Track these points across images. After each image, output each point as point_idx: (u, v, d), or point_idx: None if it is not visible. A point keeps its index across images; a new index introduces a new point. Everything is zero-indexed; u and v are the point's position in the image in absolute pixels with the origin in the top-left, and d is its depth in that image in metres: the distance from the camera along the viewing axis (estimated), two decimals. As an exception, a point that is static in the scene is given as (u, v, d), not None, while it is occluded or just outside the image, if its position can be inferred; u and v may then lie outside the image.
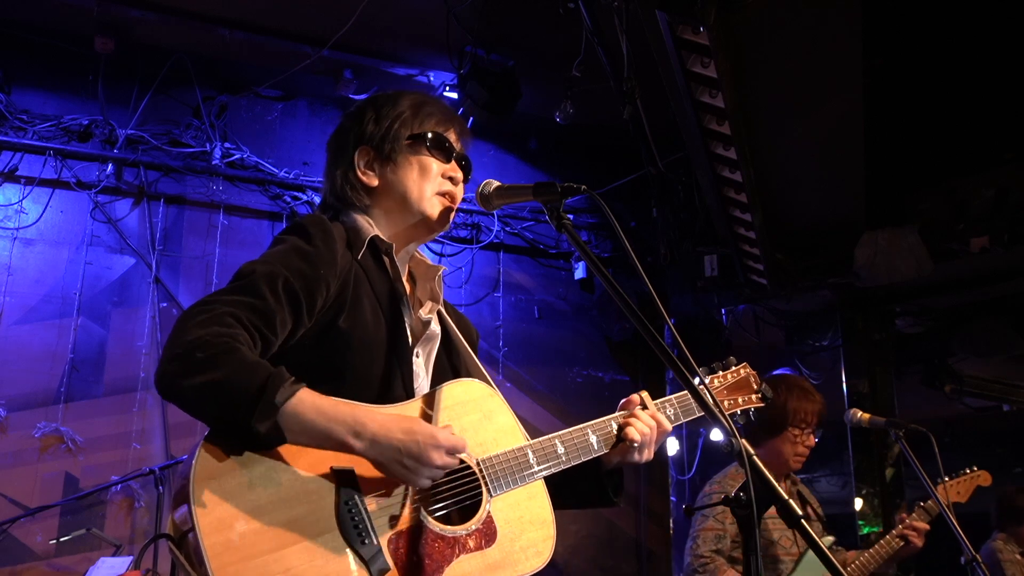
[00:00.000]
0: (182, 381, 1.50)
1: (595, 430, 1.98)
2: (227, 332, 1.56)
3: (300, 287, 1.70)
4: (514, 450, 1.84)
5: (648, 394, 2.10)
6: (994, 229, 5.43)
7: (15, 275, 5.17)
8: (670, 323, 1.68)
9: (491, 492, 1.78)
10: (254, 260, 1.74)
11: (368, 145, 1.99)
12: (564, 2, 4.55)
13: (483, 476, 1.78)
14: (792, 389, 3.68)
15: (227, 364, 1.51)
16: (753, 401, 2.31)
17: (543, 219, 4.98)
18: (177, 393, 1.52)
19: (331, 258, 1.78)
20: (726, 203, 5.23)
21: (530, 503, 1.84)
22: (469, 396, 1.85)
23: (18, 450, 4.92)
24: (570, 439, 1.93)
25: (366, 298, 1.83)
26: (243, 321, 1.60)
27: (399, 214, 1.97)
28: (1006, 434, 9.17)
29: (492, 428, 1.85)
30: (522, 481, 1.82)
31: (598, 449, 1.97)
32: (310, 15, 5.31)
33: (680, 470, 6.51)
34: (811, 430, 3.64)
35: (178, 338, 1.55)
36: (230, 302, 1.62)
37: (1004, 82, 5.09)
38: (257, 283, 1.66)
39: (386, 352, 1.83)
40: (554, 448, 1.89)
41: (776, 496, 1.50)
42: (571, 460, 1.92)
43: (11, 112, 5.33)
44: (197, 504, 1.47)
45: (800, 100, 4.59)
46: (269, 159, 5.98)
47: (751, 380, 2.34)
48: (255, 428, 1.50)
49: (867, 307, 6.36)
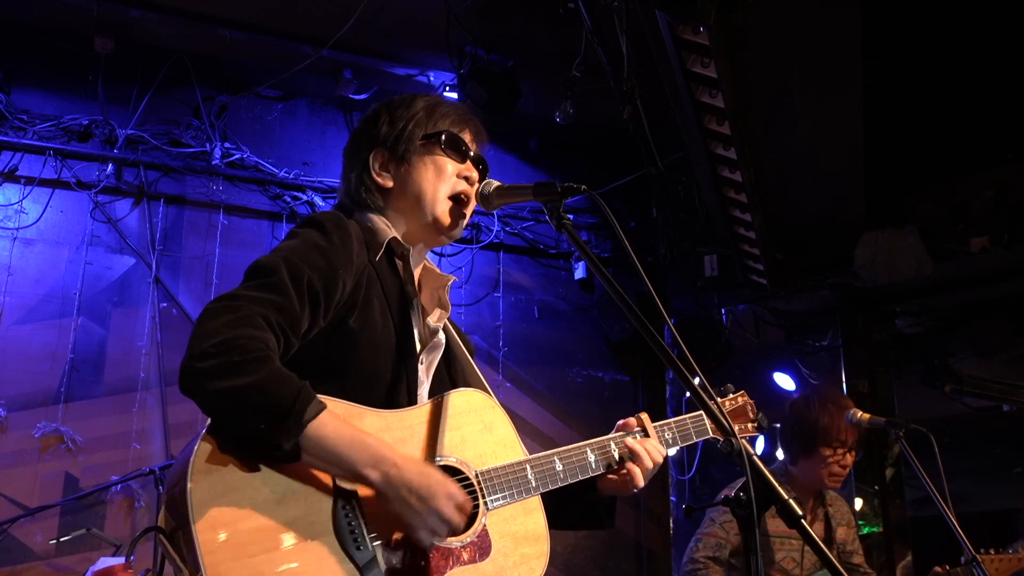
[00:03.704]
0: (213, 383, 1.47)
1: (593, 449, 1.96)
2: (260, 336, 1.53)
3: (320, 287, 1.68)
4: (512, 464, 1.83)
5: (648, 417, 2.08)
6: (994, 229, 5.42)
7: (15, 275, 5.17)
8: (670, 323, 1.68)
9: (488, 505, 1.76)
10: (275, 254, 1.70)
11: (382, 147, 1.98)
12: (564, 2, 4.55)
13: (480, 489, 1.76)
14: (825, 405, 3.49)
15: (259, 372, 1.49)
16: (748, 431, 2.31)
17: (543, 219, 4.98)
18: (204, 393, 1.49)
19: (348, 257, 1.77)
20: (726, 203, 5.23)
21: (525, 519, 1.83)
22: (471, 406, 1.85)
23: (18, 450, 4.92)
24: (568, 457, 1.91)
25: (377, 300, 1.82)
26: (271, 323, 1.58)
27: (413, 215, 1.96)
28: (1006, 434, 9.16)
29: (492, 440, 1.85)
30: (519, 496, 1.81)
31: (596, 469, 1.95)
32: (310, 15, 5.31)
33: (680, 470, 6.51)
34: (846, 449, 3.46)
35: (208, 336, 1.51)
36: (258, 300, 1.59)
37: (1004, 82, 5.08)
38: (284, 281, 1.63)
39: (393, 356, 1.82)
40: (552, 465, 1.88)
41: (776, 496, 1.51)
42: (568, 478, 1.90)
43: (11, 112, 5.33)
44: (193, 499, 1.45)
45: (800, 100, 4.59)
46: (269, 159, 5.98)
47: (748, 409, 2.34)
48: (279, 443, 1.49)
49: (867, 307, 6.35)
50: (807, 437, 3.48)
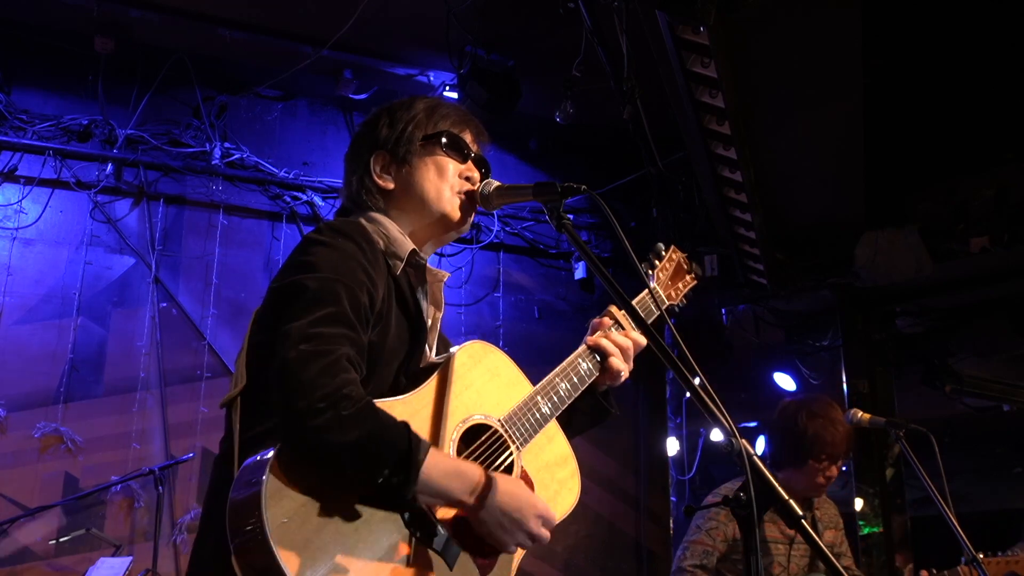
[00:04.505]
0: (334, 438, 1.49)
1: (583, 358, 2.03)
2: (353, 380, 1.56)
3: (367, 305, 1.71)
4: (526, 400, 1.90)
5: (616, 308, 2.13)
6: (994, 229, 5.42)
7: (15, 275, 5.17)
8: (670, 323, 1.68)
9: (519, 447, 1.84)
10: (324, 273, 1.68)
11: (383, 149, 1.98)
12: (564, 2, 4.55)
13: (509, 435, 1.84)
14: (815, 417, 3.45)
15: (371, 421, 1.54)
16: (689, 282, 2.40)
17: (543, 219, 4.98)
18: (326, 449, 1.50)
19: (378, 272, 1.78)
20: (726, 203, 5.23)
21: (551, 445, 1.94)
22: (473, 358, 1.87)
23: (18, 450, 4.92)
24: (567, 375, 1.98)
25: (394, 314, 1.82)
26: (353, 362, 1.60)
27: (417, 214, 1.96)
28: (1006, 434, 9.15)
29: (502, 384, 1.90)
30: (539, 427, 1.89)
31: (591, 373, 2.03)
32: (310, 15, 5.30)
33: (680, 470, 6.51)
34: (833, 462, 3.44)
35: (312, 388, 1.50)
36: (337, 338, 1.59)
37: (1004, 82, 5.08)
38: (347, 312, 1.64)
39: (402, 362, 1.82)
40: (557, 389, 1.95)
41: (776, 496, 1.51)
42: (574, 392, 1.98)
43: (11, 112, 5.34)
44: (279, 550, 1.43)
45: (800, 100, 4.59)
46: (269, 159, 5.97)
47: (682, 263, 2.40)
48: (403, 492, 1.53)
49: (867, 307, 6.35)
50: (796, 448, 3.45)
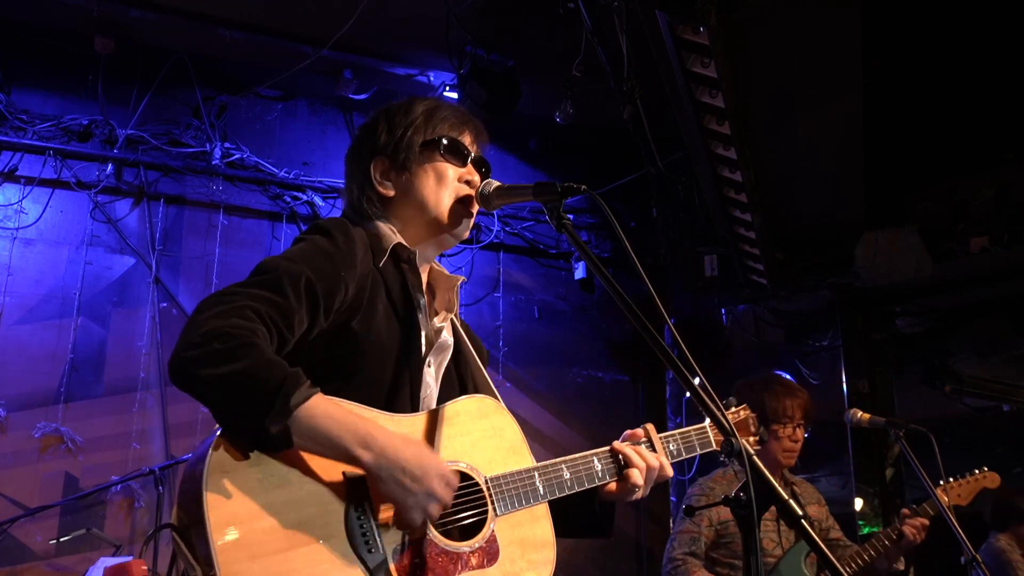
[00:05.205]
0: (199, 370, 1.48)
1: (600, 458, 1.97)
2: (247, 325, 1.54)
3: (320, 288, 1.69)
4: (521, 471, 1.84)
5: (654, 428, 2.09)
6: (994, 229, 5.42)
7: (15, 275, 5.17)
8: (670, 323, 1.68)
9: (496, 511, 1.77)
10: (277, 256, 1.72)
11: (383, 155, 1.97)
12: (564, 2, 4.55)
13: (490, 495, 1.77)
14: (769, 385, 3.63)
15: (246, 357, 1.49)
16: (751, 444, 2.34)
17: (543, 219, 4.98)
18: (193, 382, 1.50)
19: (351, 260, 1.77)
20: (726, 203, 5.23)
21: (533, 525, 1.85)
22: (481, 411, 1.85)
23: (18, 450, 4.92)
24: (575, 466, 1.92)
25: (381, 304, 1.82)
26: (263, 316, 1.58)
27: (418, 221, 1.96)
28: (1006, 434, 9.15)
29: (501, 445, 1.85)
30: (527, 503, 1.82)
31: (602, 477, 1.96)
32: (310, 15, 5.31)
33: (680, 470, 6.51)
34: (795, 424, 3.59)
35: (196, 327, 1.52)
36: (252, 295, 1.60)
37: (1004, 82, 5.08)
38: (280, 280, 1.64)
39: (397, 358, 1.82)
40: (560, 474, 1.89)
41: (776, 496, 1.51)
42: (576, 487, 1.91)
43: (11, 112, 5.34)
44: (208, 497, 1.45)
45: (800, 100, 4.59)
46: (269, 159, 5.98)
47: (750, 423, 2.38)
48: (266, 428, 1.48)
49: (867, 307, 6.35)
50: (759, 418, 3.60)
